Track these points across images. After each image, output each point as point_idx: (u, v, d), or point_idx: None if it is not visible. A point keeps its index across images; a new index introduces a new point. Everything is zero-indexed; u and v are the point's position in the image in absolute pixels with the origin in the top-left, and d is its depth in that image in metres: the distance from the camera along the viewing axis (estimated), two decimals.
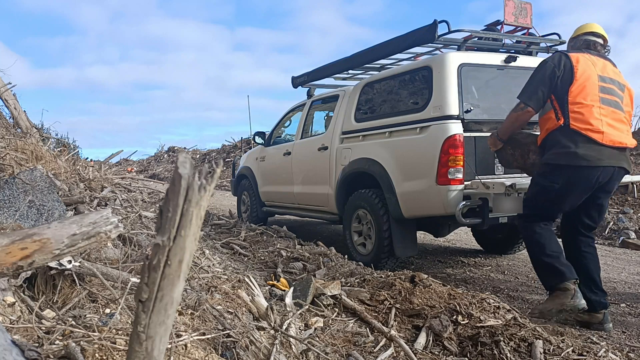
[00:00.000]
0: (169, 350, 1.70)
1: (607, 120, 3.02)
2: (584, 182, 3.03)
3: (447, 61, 4.09)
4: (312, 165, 5.61)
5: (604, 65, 3.17)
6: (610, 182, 3.08)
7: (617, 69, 3.29)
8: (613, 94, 3.11)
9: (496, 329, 2.56)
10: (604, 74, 3.12)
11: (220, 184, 14.11)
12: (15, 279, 2.09)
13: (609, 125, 3.01)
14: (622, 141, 3.04)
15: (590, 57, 3.16)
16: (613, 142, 3.00)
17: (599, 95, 3.04)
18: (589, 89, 3.03)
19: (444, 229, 4.53)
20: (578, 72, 3.05)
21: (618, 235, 6.43)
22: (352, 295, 3.10)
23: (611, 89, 3.12)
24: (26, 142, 4.58)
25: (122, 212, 3.94)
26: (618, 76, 3.22)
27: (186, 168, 1.00)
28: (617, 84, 3.17)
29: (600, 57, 3.22)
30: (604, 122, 3.00)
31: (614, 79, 3.16)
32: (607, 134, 2.99)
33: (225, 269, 3.53)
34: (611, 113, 3.05)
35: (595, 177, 3.01)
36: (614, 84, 3.14)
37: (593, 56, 3.19)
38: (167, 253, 1.02)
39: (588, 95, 3.02)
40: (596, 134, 2.97)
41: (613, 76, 3.17)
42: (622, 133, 3.06)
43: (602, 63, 3.17)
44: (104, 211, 1.82)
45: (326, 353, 2.31)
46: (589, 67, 3.09)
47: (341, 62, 5.46)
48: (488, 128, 4.11)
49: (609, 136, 2.99)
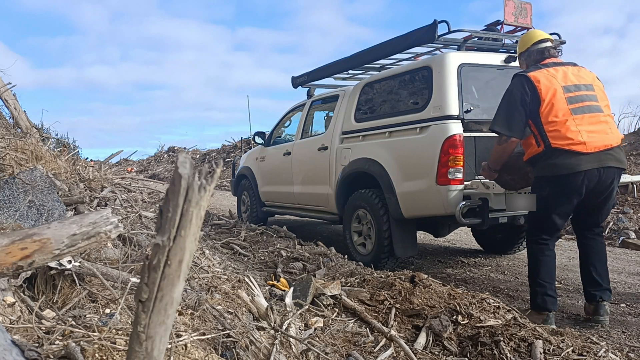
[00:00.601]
0: (169, 350, 1.70)
1: (585, 129, 3.03)
2: (567, 189, 3.07)
3: (447, 61, 4.09)
4: (312, 165, 5.61)
5: (563, 74, 3.17)
6: (600, 183, 3.07)
7: (577, 67, 3.28)
8: (583, 99, 3.11)
9: (496, 329, 2.56)
10: (567, 83, 3.13)
11: (220, 184, 14.11)
12: (15, 279, 2.09)
13: (589, 133, 3.03)
14: (605, 144, 3.05)
15: (548, 72, 3.16)
16: (597, 147, 3.02)
17: (568, 108, 3.06)
18: (557, 105, 3.05)
19: (444, 229, 4.53)
20: (542, 92, 3.08)
21: (618, 235, 6.44)
22: (352, 295, 3.10)
23: (579, 95, 3.12)
24: (26, 142, 4.59)
25: (122, 212, 3.94)
26: (581, 77, 3.20)
27: (186, 168, 1.00)
28: (584, 86, 3.16)
29: (557, 67, 3.21)
30: (582, 132, 3.02)
31: (578, 83, 3.16)
32: (589, 143, 3.01)
33: (225, 269, 3.53)
34: (588, 119, 3.07)
35: (579, 182, 3.03)
36: (580, 89, 3.14)
37: (550, 69, 3.19)
38: (167, 253, 1.02)
39: (558, 111, 3.05)
40: (578, 145, 3.00)
41: (577, 80, 3.16)
42: (605, 135, 3.07)
43: (561, 72, 3.17)
44: (104, 211, 1.82)
45: (326, 353, 2.31)
46: (551, 82, 3.11)
47: (341, 62, 5.46)
48: (488, 128, 4.11)
49: (592, 144, 3.01)
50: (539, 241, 3.24)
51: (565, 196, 3.10)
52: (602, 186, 3.09)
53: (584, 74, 3.24)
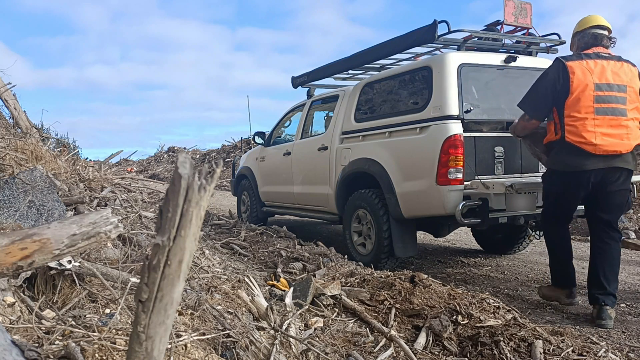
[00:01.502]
0: (168, 350, 1.70)
1: (601, 131, 3.11)
2: (574, 185, 3.26)
3: (447, 61, 4.09)
4: (312, 165, 5.61)
5: (602, 69, 3.17)
6: (604, 181, 3.18)
7: (620, 63, 3.25)
8: (610, 100, 3.14)
9: (496, 329, 2.56)
10: (601, 81, 3.14)
11: (220, 184, 14.11)
12: (15, 279, 2.09)
13: (603, 136, 3.10)
14: (615, 149, 3.13)
15: (587, 65, 3.17)
16: (606, 151, 3.12)
17: (593, 107, 3.11)
18: (583, 101, 3.12)
19: (444, 229, 4.53)
20: (573, 84, 3.13)
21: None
22: (352, 296, 3.10)
23: (609, 96, 3.14)
24: (26, 142, 4.58)
25: (122, 212, 3.94)
26: (618, 76, 3.19)
27: (186, 168, 1.00)
28: (617, 87, 3.17)
29: (598, 60, 3.21)
30: (597, 133, 3.10)
31: (612, 83, 3.16)
32: (599, 146, 3.10)
33: (225, 269, 3.53)
34: (608, 121, 3.12)
35: (586, 180, 3.19)
36: (612, 89, 3.15)
37: (591, 61, 3.19)
38: (167, 253, 1.02)
39: (582, 107, 3.12)
40: (589, 146, 3.11)
41: (612, 79, 3.17)
42: (620, 140, 3.13)
43: (599, 67, 3.17)
44: (104, 211, 1.82)
45: (326, 353, 2.31)
46: (585, 76, 3.14)
47: (341, 62, 5.46)
48: (488, 128, 4.11)
49: (602, 147, 3.10)
50: (553, 222, 3.47)
51: (571, 192, 3.30)
52: (607, 181, 3.19)
53: (623, 73, 3.22)
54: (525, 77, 4.39)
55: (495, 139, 4.07)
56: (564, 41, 4.53)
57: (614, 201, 3.30)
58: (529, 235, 5.18)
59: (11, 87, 5.86)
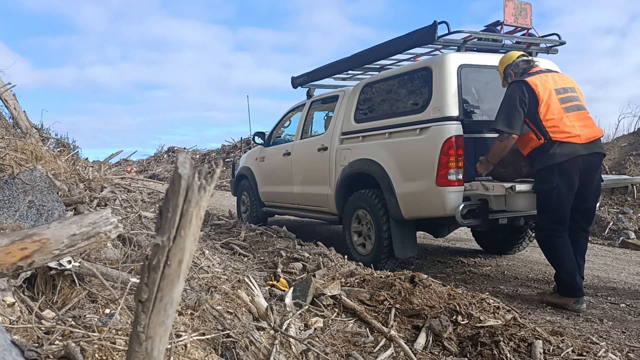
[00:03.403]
0: (168, 350, 1.70)
1: (577, 124, 3.54)
2: (570, 172, 3.50)
3: (447, 62, 4.09)
4: (312, 165, 5.61)
5: (553, 79, 3.66)
6: (589, 167, 3.56)
7: (558, 73, 3.79)
8: (571, 99, 3.63)
9: (496, 329, 2.56)
10: (558, 87, 3.62)
11: (220, 184, 14.11)
12: (15, 279, 2.09)
13: (581, 127, 3.54)
14: (594, 135, 3.58)
15: (542, 77, 3.62)
16: (588, 139, 3.53)
17: (562, 107, 3.55)
18: (553, 105, 3.53)
19: (444, 229, 4.53)
20: (540, 94, 3.53)
21: (618, 235, 6.44)
22: (351, 296, 3.10)
23: (568, 96, 3.63)
24: (26, 142, 4.59)
25: (121, 213, 3.94)
26: (566, 81, 3.72)
27: (186, 168, 1.00)
28: (570, 89, 3.68)
29: (546, 74, 3.68)
30: (576, 126, 3.52)
31: (565, 86, 3.67)
32: (582, 135, 3.51)
33: (225, 269, 3.53)
34: (577, 115, 3.58)
35: (577, 166, 3.50)
36: (567, 91, 3.65)
37: (542, 75, 3.66)
38: (166, 253, 1.02)
39: (554, 110, 3.52)
40: (574, 137, 3.49)
41: (563, 84, 3.67)
42: (591, 128, 3.59)
43: (551, 78, 3.66)
44: (104, 211, 1.82)
45: (326, 353, 2.31)
46: (545, 86, 3.57)
47: (341, 62, 5.46)
48: (488, 129, 4.11)
49: (584, 136, 3.52)
50: (556, 234, 3.57)
51: (569, 180, 3.50)
52: (591, 167, 3.58)
53: (565, 79, 3.76)
54: None
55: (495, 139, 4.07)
56: (564, 42, 4.53)
57: (596, 188, 3.68)
58: (529, 236, 5.18)
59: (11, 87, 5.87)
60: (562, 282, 3.59)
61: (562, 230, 3.56)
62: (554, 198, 3.51)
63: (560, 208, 3.53)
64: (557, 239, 3.56)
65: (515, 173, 3.78)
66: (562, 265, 3.56)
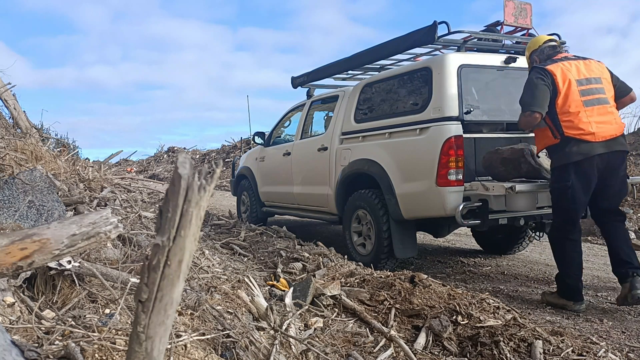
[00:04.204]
0: (168, 350, 1.70)
1: (594, 120, 3.35)
2: (587, 172, 3.37)
3: (447, 62, 4.09)
4: (312, 165, 5.61)
5: (576, 68, 3.45)
6: (609, 165, 3.40)
7: (587, 61, 3.53)
8: (593, 92, 3.41)
9: (496, 329, 2.56)
10: (580, 77, 3.42)
11: (220, 184, 14.11)
12: (15, 279, 2.09)
13: (597, 124, 3.34)
14: (611, 134, 3.38)
15: (564, 66, 3.44)
16: (604, 137, 3.35)
17: (581, 100, 3.36)
18: (571, 97, 3.36)
19: (444, 229, 4.53)
20: (559, 84, 3.37)
21: None
22: (351, 296, 3.10)
23: (590, 88, 3.41)
24: (26, 142, 4.59)
25: (121, 213, 3.94)
26: (591, 71, 3.47)
27: (186, 168, 1.00)
28: (594, 80, 3.45)
29: (570, 61, 3.48)
30: (592, 123, 3.34)
31: (589, 77, 3.44)
32: (597, 134, 3.33)
33: (225, 269, 3.53)
34: (597, 110, 3.38)
35: (594, 165, 3.36)
36: (590, 82, 3.43)
37: (565, 63, 3.47)
38: (166, 253, 1.02)
39: (572, 102, 3.35)
40: (588, 135, 3.33)
41: (588, 74, 3.45)
42: (611, 125, 3.39)
43: (574, 67, 3.45)
44: (104, 211, 1.82)
45: (326, 353, 2.31)
46: (565, 75, 3.39)
47: (341, 62, 5.46)
48: (488, 129, 4.11)
49: (600, 134, 3.34)
50: (569, 237, 3.49)
51: (585, 181, 3.38)
52: (611, 166, 3.41)
53: (593, 67, 3.49)
54: (525, 78, 4.39)
55: (496, 140, 4.07)
56: (564, 42, 4.53)
57: (618, 189, 3.51)
58: (529, 236, 5.18)
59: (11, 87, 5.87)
60: (564, 284, 3.55)
61: (575, 233, 3.49)
62: (568, 197, 3.41)
63: (574, 208, 3.44)
64: (569, 242, 3.49)
65: (514, 170, 3.73)
66: (568, 269, 3.51)
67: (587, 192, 3.43)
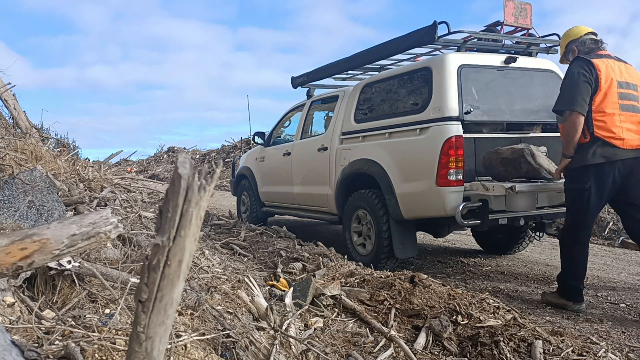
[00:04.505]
0: (168, 350, 1.70)
1: (626, 126, 3.25)
2: (607, 177, 3.27)
3: (447, 62, 4.09)
4: (312, 165, 5.61)
5: (620, 69, 3.31)
6: (632, 171, 3.29)
7: (626, 65, 3.41)
8: (630, 98, 3.30)
9: (496, 329, 2.56)
10: (622, 79, 3.28)
11: (220, 184, 14.11)
12: (15, 279, 2.09)
13: (628, 131, 3.25)
14: (638, 144, 3.28)
15: (609, 63, 3.28)
16: (632, 146, 3.26)
17: (618, 103, 3.24)
18: (609, 98, 3.22)
19: (444, 229, 4.53)
20: (602, 81, 3.21)
21: (618, 235, 6.43)
22: (351, 296, 3.10)
23: (629, 93, 3.30)
24: (26, 142, 4.59)
25: (121, 213, 3.94)
26: (632, 76, 3.36)
27: (186, 168, 1.00)
28: (633, 86, 3.34)
29: (615, 60, 3.35)
30: (624, 128, 3.23)
31: (629, 82, 3.33)
32: (627, 140, 3.24)
33: (225, 269, 3.53)
34: (629, 117, 3.27)
35: (615, 170, 3.25)
36: (630, 87, 3.32)
37: (610, 61, 3.32)
38: (166, 253, 1.02)
39: (609, 103, 3.22)
40: (617, 140, 3.22)
41: (629, 79, 3.33)
42: (638, 136, 3.29)
43: (618, 67, 3.31)
44: (104, 211, 1.82)
45: (326, 353, 2.31)
46: (609, 74, 3.24)
47: (341, 62, 5.46)
48: (488, 129, 4.11)
49: (628, 142, 3.25)
50: (579, 240, 3.43)
51: (602, 185, 3.28)
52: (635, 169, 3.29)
53: (632, 72, 3.40)
54: (525, 78, 4.39)
55: (496, 140, 4.07)
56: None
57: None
58: (529, 236, 5.18)
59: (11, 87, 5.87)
60: (566, 285, 3.52)
61: (584, 236, 3.43)
62: (584, 199, 3.32)
63: (587, 211, 3.34)
64: (578, 246, 3.43)
65: (514, 170, 3.71)
66: (572, 271, 3.47)
67: (603, 197, 3.33)
